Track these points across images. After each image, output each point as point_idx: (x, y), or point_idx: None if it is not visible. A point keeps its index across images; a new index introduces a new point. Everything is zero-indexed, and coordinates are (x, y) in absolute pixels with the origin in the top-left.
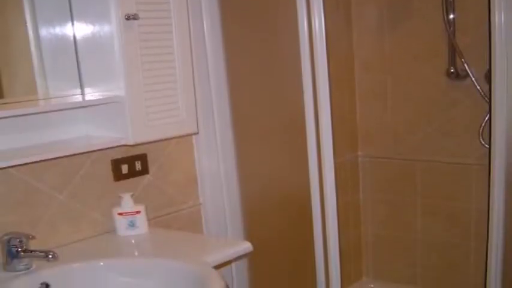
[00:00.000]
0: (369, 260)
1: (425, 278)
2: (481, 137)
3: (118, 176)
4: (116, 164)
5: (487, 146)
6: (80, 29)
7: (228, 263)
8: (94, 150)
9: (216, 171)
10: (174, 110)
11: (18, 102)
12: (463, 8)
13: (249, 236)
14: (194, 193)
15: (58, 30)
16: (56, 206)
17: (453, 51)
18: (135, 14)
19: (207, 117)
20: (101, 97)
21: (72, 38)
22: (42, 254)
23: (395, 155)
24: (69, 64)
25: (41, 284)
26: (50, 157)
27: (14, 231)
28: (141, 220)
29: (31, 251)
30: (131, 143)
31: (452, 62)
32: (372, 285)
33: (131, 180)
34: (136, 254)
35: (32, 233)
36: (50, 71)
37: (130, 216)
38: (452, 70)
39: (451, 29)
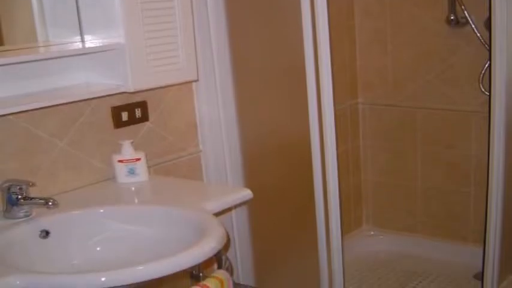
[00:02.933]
0: (369, 207)
1: (425, 225)
2: (481, 84)
3: (118, 123)
4: (116, 111)
5: (487, 93)
6: None
7: (228, 210)
8: (94, 98)
9: (216, 119)
10: (174, 57)
11: (18, 49)
12: None
13: (249, 183)
14: (194, 140)
15: None
16: (56, 153)
17: None
18: None
19: (207, 64)
20: (101, 44)
21: None
22: (42, 201)
23: (396, 102)
24: (69, 11)
25: (41, 231)
26: (50, 104)
27: (14, 178)
28: (141, 167)
29: (31, 198)
30: (131, 90)
31: (452, 9)
32: (372, 233)
33: (131, 127)
34: (136, 201)
35: (32, 180)
36: (50, 18)
37: (130, 163)
38: (452, 17)
39: None
